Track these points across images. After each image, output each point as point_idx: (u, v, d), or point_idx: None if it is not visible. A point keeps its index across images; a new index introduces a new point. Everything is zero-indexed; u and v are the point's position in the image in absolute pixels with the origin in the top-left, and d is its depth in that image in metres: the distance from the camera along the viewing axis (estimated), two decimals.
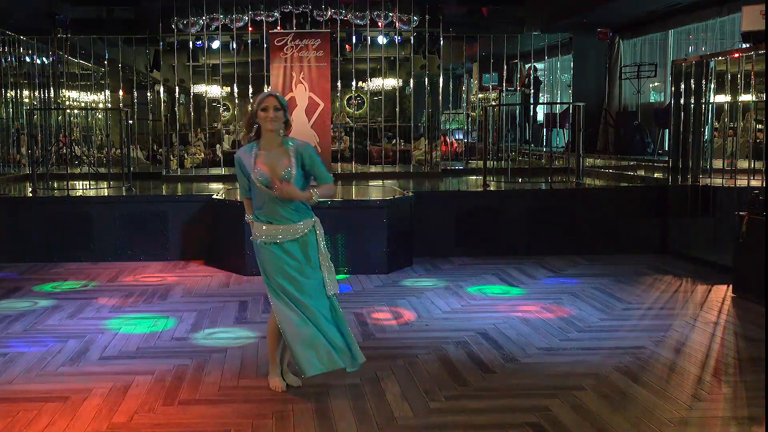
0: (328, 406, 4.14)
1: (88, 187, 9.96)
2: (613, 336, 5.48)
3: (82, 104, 15.26)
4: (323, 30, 11.42)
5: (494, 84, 14.68)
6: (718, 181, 8.35)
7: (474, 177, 11.28)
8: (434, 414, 4.03)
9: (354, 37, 12.23)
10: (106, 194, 8.99)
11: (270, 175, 4.12)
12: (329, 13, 11.77)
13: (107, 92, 13.82)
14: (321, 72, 10.72)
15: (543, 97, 16.59)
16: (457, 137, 16.69)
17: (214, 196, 8.57)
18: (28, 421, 3.95)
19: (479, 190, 9.35)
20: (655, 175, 10.18)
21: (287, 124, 4.23)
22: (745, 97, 8.62)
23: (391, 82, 14.14)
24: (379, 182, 10.80)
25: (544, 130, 14.90)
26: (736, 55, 8.35)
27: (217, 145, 14.19)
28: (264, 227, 4.21)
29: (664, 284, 7.22)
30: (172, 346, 5.31)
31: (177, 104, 14.55)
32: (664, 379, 4.55)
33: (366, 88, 14.18)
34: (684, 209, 8.54)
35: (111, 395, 4.31)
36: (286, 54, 10.67)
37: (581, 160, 9.82)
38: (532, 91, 15.48)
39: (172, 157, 12.29)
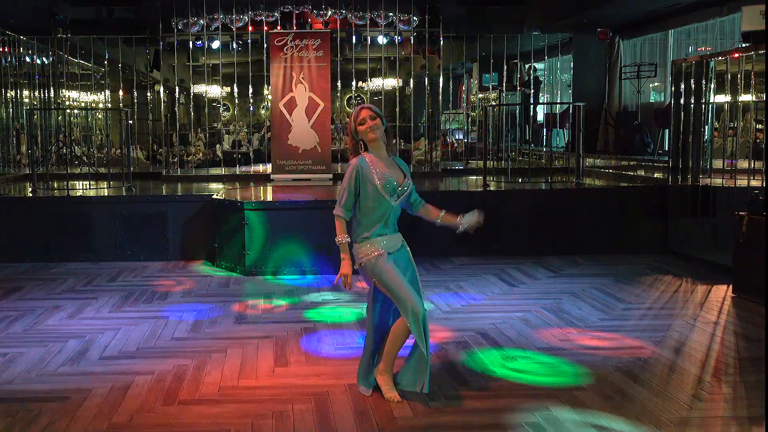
0: (328, 406, 4.14)
1: (88, 187, 9.96)
2: (613, 336, 5.48)
3: (82, 104, 15.26)
4: (323, 30, 11.42)
5: (494, 84, 14.69)
6: (718, 181, 8.35)
7: (474, 177, 11.28)
8: (434, 414, 4.03)
9: (354, 37, 12.23)
10: (106, 194, 8.99)
11: (397, 183, 4.12)
12: (329, 13, 11.77)
13: (107, 92, 13.82)
14: (321, 72, 10.72)
15: (543, 97, 16.59)
16: (457, 137, 16.68)
17: (214, 196, 8.57)
18: (28, 421, 3.95)
19: (479, 190, 9.35)
20: (655, 175, 10.18)
21: (387, 134, 4.18)
22: (745, 97, 8.63)
23: (391, 82, 14.13)
24: None
25: (544, 130, 14.91)
26: (736, 55, 8.35)
27: (217, 145, 14.20)
28: (379, 239, 4.12)
29: (664, 284, 7.22)
30: (172, 346, 5.31)
31: (177, 104, 14.55)
32: (664, 379, 4.55)
33: (366, 88, 14.17)
34: (684, 209, 8.54)
35: (111, 395, 4.31)
36: (286, 54, 10.67)
37: (581, 160, 9.82)
38: (532, 91, 15.48)
39: (172, 157, 12.29)
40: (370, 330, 4.28)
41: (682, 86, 8.71)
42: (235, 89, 13.13)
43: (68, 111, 13.68)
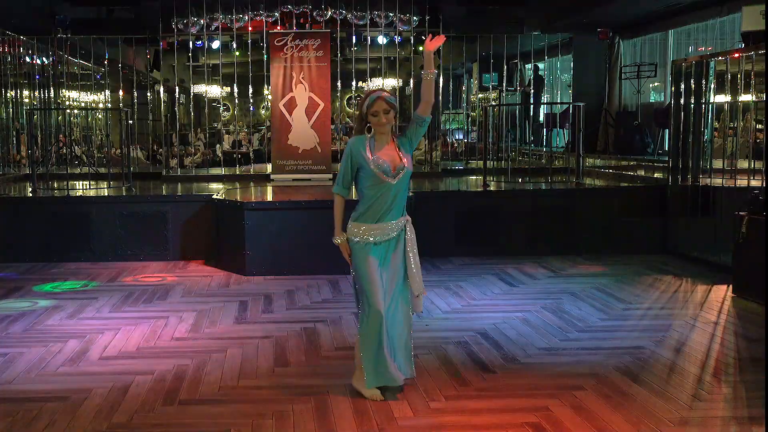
0: (328, 406, 4.14)
1: (88, 187, 9.96)
2: (613, 336, 5.48)
3: (82, 104, 15.25)
4: (323, 30, 11.41)
5: (494, 84, 14.68)
6: (718, 181, 8.35)
7: (474, 177, 11.28)
8: (434, 414, 4.03)
9: (354, 37, 12.22)
10: (106, 194, 8.99)
11: (391, 165, 4.07)
12: (329, 12, 11.77)
13: (107, 92, 13.81)
14: (321, 72, 10.72)
15: (543, 97, 16.59)
16: (457, 137, 16.68)
17: (214, 196, 8.57)
18: (28, 421, 3.95)
19: (479, 190, 9.34)
20: (655, 175, 10.18)
21: (396, 117, 4.17)
22: (745, 97, 8.62)
23: (391, 82, 14.12)
24: None
25: (544, 130, 14.91)
26: (736, 55, 8.35)
27: (217, 145, 14.19)
28: (363, 227, 4.11)
29: (664, 284, 7.22)
30: (172, 346, 5.31)
31: (177, 104, 14.54)
32: (664, 379, 4.55)
33: (366, 88, 14.17)
34: (684, 209, 8.54)
35: (111, 395, 4.31)
36: (286, 54, 10.66)
37: (581, 160, 9.82)
38: (532, 90, 15.48)
39: (172, 157, 12.29)
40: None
41: (682, 86, 8.70)
42: (235, 89, 13.13)
43: (68, 111, 13.67)
